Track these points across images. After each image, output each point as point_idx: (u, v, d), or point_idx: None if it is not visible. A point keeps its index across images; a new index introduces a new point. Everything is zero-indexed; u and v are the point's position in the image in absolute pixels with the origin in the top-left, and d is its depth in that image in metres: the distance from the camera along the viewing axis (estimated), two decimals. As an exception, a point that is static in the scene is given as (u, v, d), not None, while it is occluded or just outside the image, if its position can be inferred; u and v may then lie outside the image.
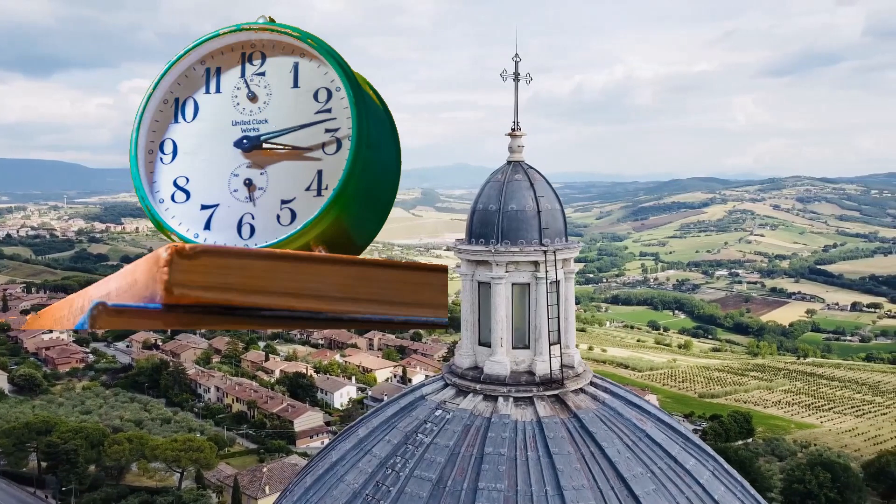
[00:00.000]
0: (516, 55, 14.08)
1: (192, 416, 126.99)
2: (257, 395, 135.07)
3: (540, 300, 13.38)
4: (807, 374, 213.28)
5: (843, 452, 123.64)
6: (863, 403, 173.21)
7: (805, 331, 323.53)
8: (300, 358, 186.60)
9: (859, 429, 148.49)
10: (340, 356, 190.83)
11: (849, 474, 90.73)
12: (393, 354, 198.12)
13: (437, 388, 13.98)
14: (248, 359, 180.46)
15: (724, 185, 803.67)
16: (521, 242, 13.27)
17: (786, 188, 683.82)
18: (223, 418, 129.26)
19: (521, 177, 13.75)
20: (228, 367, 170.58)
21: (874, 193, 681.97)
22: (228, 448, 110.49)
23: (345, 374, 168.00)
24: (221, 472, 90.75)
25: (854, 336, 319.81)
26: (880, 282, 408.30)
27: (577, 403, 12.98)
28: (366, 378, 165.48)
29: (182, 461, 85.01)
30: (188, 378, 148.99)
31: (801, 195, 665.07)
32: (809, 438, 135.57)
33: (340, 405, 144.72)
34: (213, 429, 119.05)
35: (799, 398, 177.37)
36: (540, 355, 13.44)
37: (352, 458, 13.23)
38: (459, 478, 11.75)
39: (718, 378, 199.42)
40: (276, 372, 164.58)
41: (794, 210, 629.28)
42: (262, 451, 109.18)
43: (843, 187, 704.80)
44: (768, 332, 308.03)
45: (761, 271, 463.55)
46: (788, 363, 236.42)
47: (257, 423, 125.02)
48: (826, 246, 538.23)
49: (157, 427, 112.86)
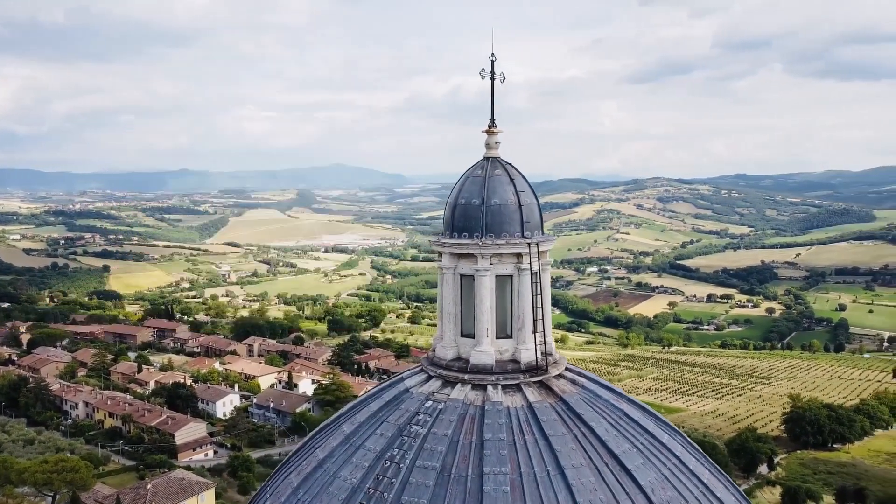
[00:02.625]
0: (492, 55, 14.48)
1: (58, 435, 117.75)
2: (132, 408, 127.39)
3: (523, 291, 13.88)
4: (672, 361, 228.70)
5: (707, 433, 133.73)
6: (721, 387, 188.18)
7: (668, 322, 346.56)
8: (177, 367, 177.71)
9: (720, 410, 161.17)
10: (220, 364, 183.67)
11: (717, 452, 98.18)
12: (276, 360, 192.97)
13: (421, 380, 14.14)
14: (119, 371, 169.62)
15: (592, 185, 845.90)
16: (505, 235, 13.71)
17: (647, 189, 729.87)
18: (95, 435, 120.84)
19: (500, 172, 14.18)
20: (97, 380, 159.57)
21: (724, 193, 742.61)
22: (103, 467, 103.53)
23: (226, 381, 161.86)
24: (99, 492, 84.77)
25: (710, 325, 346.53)
26: (731, 274, 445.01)
27: (561, 388, 13.63)
28: (249, 385, 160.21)
29: (55, 483, 78.72)
30: (52, 394, 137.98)
31: (661, 195, 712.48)
32: (678, 421, 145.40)
33: (224, 414, 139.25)
34: (85, 447, 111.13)
35: (666, 384, 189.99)
36: (523, 344, 13.95)
37: (342, 455, 13.13)
38: (463, 464, 12.03)
39: (594, 370, 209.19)
40: (150, 383, 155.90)
41: (656, 209, 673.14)
42: (141, 467, 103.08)
43: (698, 188, 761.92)
44: (636, 324, 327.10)
45: (627, 267, 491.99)
46: (655, 352, 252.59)
47: (134, 439, 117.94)
48: (684, 242, 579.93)
49: (20, 449, 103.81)
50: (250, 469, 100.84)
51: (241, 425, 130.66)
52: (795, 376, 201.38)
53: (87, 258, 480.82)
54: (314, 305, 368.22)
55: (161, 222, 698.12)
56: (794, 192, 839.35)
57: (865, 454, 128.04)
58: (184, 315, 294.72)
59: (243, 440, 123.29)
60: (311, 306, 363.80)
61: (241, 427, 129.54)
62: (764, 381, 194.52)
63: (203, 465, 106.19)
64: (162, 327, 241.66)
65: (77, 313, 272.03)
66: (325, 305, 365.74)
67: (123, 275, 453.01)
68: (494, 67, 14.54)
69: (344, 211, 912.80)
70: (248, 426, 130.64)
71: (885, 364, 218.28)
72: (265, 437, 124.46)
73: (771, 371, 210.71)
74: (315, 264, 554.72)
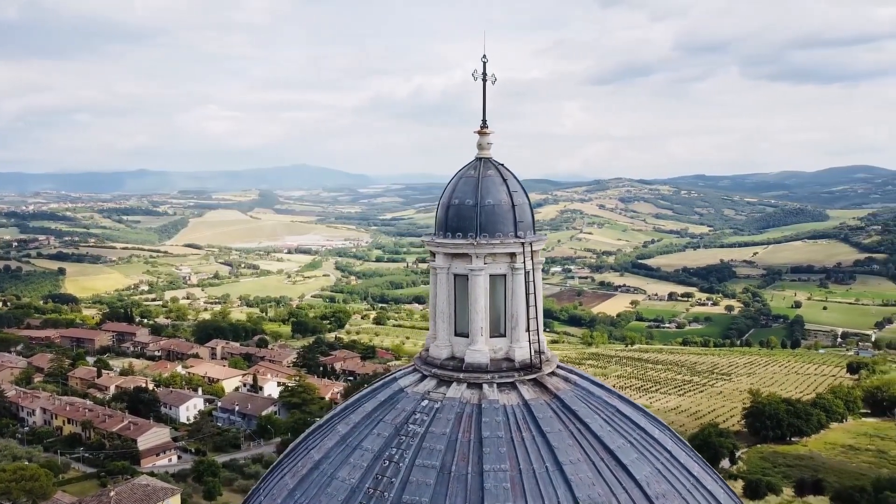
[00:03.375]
0: (484, 56, 14.58)
1: (15, 443, 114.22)
2: (93, 413, 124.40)
3: (517, 290, 14.03)
4: (635, 359, 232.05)
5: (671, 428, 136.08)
6: (683, 383, 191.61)
7: (630, 320, 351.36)
8: (138, 371, 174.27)
9: (682, 406, 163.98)
10: (182, 367, 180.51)
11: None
12: (240, 363, 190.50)
13: (415, 380, 14.18)
14: (77, 376, 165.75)
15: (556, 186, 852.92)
16: (499, 235, 13.84)
17: (609, 189, 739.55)
18: (54, 442, 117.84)
19: (493, 173, 14.30)
20: (54, 385, 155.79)
21: (684, 193, 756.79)
22: (63, 475, 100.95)
23: (189, 385, 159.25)
24: (59, 501, 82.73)
25: (672, 323, 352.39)
26: (691, 273, 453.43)
27: (555, 385, 13.82)
28: (213, 389, 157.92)
29: (13, 493, 76.53)
30: (7, 401, 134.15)
31: (623, 195, 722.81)
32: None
33: (187, 419, 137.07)
34: (44, 455, 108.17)
35: (630, 382, 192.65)
36: (517, 342, 14.11)
37: (338, 455, 13.11)
38: (463, 462, 12.11)
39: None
40: (111, 388, 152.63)
41: (618, 209, 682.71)
42: (103, 474, 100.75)
43: (658, 188, 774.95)
44: (599, 322, 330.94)
45: (591, 266, 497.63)
46: (619, 350, 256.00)
47: (95, 445, 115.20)
48: (645, 242, 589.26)
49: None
50: (216, 474, 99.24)
51: (206, 429, 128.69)
52: (754, 372, 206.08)
53: (42, 261, 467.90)
54: (277, 307, 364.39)
55: (119, 224, 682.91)
56: (750, 192, 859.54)
57: (822, 447, 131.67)
58: (143, 318, 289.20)
59: (208, 444, 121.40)
60: (275, 308, 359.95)
61: (206, 431, 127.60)
62: (724, 378, 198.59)
63: (167, 471, 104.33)
64: (121, 331, 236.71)
65: (32, 317, 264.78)
66: (289, 307, 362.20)
67: (80, 277, 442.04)
68: (486, 69, 14.63)
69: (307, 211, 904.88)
70: (212, 430, 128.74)
71: (839, 359, 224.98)
72: (230, 441, 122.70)
73: (731, 367, 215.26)
74: (278, 265, 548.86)
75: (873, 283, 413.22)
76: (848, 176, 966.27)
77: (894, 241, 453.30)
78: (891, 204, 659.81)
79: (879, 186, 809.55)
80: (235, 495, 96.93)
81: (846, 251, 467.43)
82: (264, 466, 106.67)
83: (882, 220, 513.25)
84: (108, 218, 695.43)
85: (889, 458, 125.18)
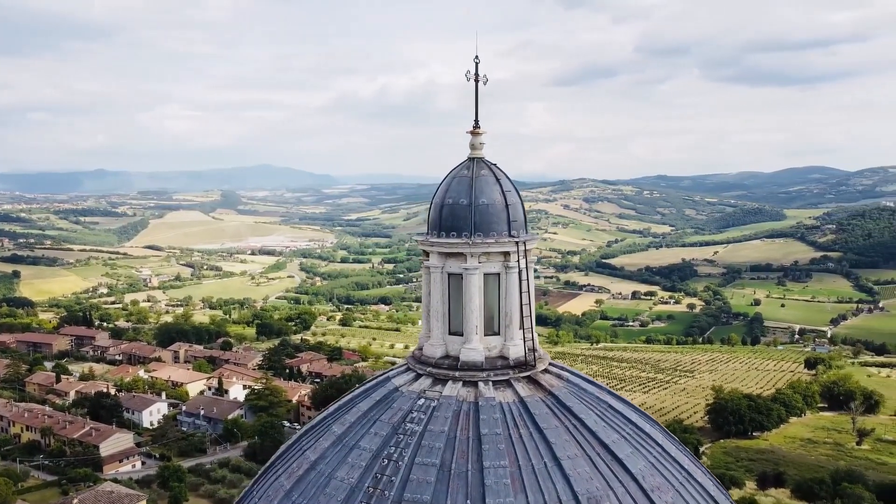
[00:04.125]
0: (476, 57, 14.68)
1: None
2: (52, 420, 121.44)
3: (511, 288, 14.18)
4: (600, 357, 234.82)
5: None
6: (647, 381, 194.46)
7: (595, 319, 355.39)
8: (98, 376, 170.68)
9: (647, 403, 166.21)
10: (145, 371, 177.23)
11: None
12: (204, 366, 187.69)
13: (409, 379, 14.22)
14: (35, 381, 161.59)
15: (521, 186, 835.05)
16: (494, 234, 13.96)
17: (574, 189, 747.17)
18: (11, 450, 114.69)
19: (486, 172, 14.42)
20: (11, 392, 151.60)
21: (646, 194, 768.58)
22: (22, 483, 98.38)
23: (153, 390, 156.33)
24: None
25: (635, 321, 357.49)
26: (654, 272, 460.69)
27: (549, 382, 14.00)
28: (177, 392, 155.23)
29: (-29, 502, 74.27)
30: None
31: (587, 196, 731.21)
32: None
33: (151, 424, 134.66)
34: (1, 463, 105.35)
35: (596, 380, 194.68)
36: (511, 340, 14.25)
37: (335, 455, 13.08)
38: (462, 460, 12.19)
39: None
40: (70, 393, 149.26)
41: (582, 209, 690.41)
42: (64, 481, 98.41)
43: (621, 188, 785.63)
44: (565, 321, 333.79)
45: (556, 266, 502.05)
46: (584, 349, 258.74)
47: (55, 452, 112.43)
48: (609, 242, 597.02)
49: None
50: (182, 479, 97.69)
51: (171, 434, 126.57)
52: (716, 369, 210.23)
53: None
54: (241, 309, 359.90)
55: (76, 225, 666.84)
56: (711, 192, 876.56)
57: (782, 441, 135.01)
58: (103, 322, 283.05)
59: (173, 449, 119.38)
60: (239, 310, 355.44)
61: (171, 436, 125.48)
62: (687, 375, 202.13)
63: (131, 477, 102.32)
64: (80, 335, 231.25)
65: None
66: (253, 309, 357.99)
67: (35, 280, 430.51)
68: (478, 69, 14.74)
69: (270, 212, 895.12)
70: (177, 435, 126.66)
71: (797, 355, 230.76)
72: (196, 445, 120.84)
73: (693, 364, 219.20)
74: (241, 267, 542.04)
75: (829, 280, 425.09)
76: (804, 176, 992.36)
77: (848, 239, 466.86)
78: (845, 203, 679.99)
79: (834, 186, 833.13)
80: (202, 500, 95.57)
81: (803, 250, 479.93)
82: (232, 471, 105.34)
83: (836, 219, 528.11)
84: (65, 219, 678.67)
85: (846, 450, 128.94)
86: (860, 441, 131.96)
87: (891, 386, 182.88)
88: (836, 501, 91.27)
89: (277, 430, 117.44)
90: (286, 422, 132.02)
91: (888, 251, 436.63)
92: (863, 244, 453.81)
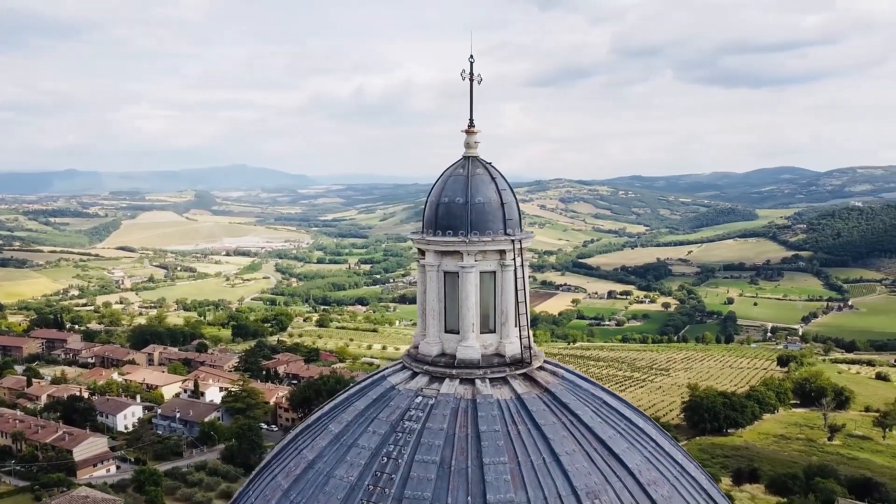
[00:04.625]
0: (471, 56, 14.72)
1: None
2: (24, 424, 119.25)
3: (507, 286, 14.26)
4: (577, 357, 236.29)
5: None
6: (624, 379, 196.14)
7: (572, 318, 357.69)
8: (71, 380, 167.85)
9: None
10: (119, 374, 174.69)
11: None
12: (179, 368, 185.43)
13: (405, 377, 14.24)
14: (5, 385, 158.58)
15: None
16: (490, 232, 14.02)
17: (550, 189, 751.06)
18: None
19: (482, 171, 14.48)
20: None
21: (621, 194, 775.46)
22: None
23: (127, 393, 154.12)
24: (-9, 516, 79.02)
25: (611, 321, 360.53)
26: (630, 272, 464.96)
27: (545, 379, 14.12)
28: (152, 395, 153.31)
29: (-60, 509, 72.62)
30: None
31: (563, 196, 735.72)
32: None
33: (126, 427, 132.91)
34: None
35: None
36: (507, 338, 14.34)
37: (333, 454, 13.05)
38: (462, 457, 12.25)
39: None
40: (42, 397, 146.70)
41: (558, 210, 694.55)
42: (36, 487, 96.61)
43: (597, 188, 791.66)
44: (542, 321, 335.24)
45: (533, 266, 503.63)
46: (561, 349, 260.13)
47: (27, 457, 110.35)
48: (585, 241, 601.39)
49: None
50: (158, 483, 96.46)
51: (146, 438, 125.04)
52: (691, 367, 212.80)
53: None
54: (216, 311, 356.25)
55: (46, 226, 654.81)
56: (684, 192, 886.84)
57: (756, 437, 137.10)
58: (75, 324, 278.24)
59: (148, 453, 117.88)
60: (214, 312, 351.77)
61: (146, 439, 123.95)
62: (663, 373, 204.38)
63: (106, 482, 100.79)
64: (51, 338, 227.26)
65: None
66: (228, 310, 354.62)
67: (4, 283, 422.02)
68: (473, 69, 14.80)
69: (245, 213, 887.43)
70: (152, 438, 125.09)
71: (770, 353, 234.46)
72: (172, 448, 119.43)
73: (669, 363, 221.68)
74: (216, 268, 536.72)
75: (800, 279, 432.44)
76: (775, 177, 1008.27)
77: (818, 239, 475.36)
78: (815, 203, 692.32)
79: (804, 187, 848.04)
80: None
81: (774, 249, 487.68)
82: (209, 474, 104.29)
83: (807, 218, 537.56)
84: (35, 220, 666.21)
85: (818, 446, 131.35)
86: (831, 437, 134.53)
87: (860, 382, 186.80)
88: (810, 496, 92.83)
89: (255, 432, 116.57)
90: (263, 424, 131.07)
91: (857, 250, 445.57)
92: (832, 243, 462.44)
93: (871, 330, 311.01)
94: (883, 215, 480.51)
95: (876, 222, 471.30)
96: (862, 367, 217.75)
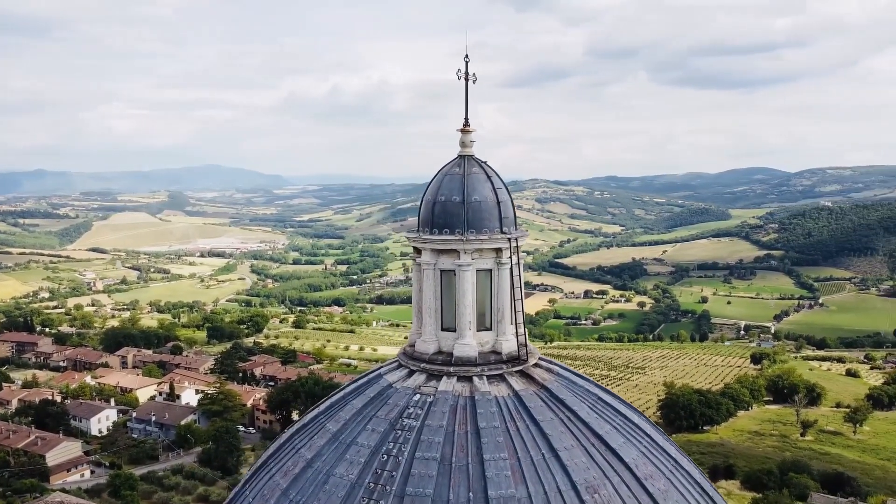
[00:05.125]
0: (466, 56, 14.82)
1: None
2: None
3: (503, 284, 14.38)
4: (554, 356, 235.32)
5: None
6: (601, 378, 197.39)
7: (549, 318, 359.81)
8: (42, 383, 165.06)
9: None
10: (92, 377, 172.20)
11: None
12: (154, 371, 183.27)
13: (402, 375, 14.28)
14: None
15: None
16: (486, 231, 14.12)
17: (526, 189, 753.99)
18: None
19: (477, 170, 14.57)
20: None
21: (597, 194, 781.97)
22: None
23: (101, 396, 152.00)
24: (-39, 523, 77.36)
25: (588, 320, 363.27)
26: (605, 271, 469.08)
27: (541, 376, 14.26)
28: (127, 398, 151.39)
29: None
30: None
31: (539, 196, 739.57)
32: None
33: (100, 431, 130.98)
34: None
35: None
36: (503, 335, 14.47)
37: (332, 453, 13.05)
38: (462, 453, 12.34)
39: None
40: (13, 402, 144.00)
41: (534, 210, 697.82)
42: (9, 493, 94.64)
43: (573, 189, 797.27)
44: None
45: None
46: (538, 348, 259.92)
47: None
48: (562, 241, 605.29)
49: None
50: (133, 487, 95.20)
51: (121, 441, 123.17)
52: (667, 365, 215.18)
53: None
54: (191, 312, 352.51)
55: (14, 227, 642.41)
56: (659, 192, 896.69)
57: (731, 434, 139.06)
58: (45, 327, 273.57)
59: (123, 457, 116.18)
60: (188, 313, 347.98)
61: (121, 443, 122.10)
62: (639, 371, 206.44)
63: (80, 487, 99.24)
64: (21, 341, 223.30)
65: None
66: (203, 312, 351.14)
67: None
68: (468, 68, 14.91)
69: (220, 213, 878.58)
70: (127, 442, 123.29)
71: (744, 350, 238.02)
72: (148, 452, 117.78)
73: (645, 361, 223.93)
74: (190, 269, 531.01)
75: (772, 278, 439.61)
76: (747, 177, 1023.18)
77: (790, 238, 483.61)
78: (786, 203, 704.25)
79: (776, 187, 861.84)
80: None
81: (747, 248, 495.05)
82: (185, 477, 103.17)
83: (778, 218, 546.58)
84: (3, 221, 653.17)
85: (791, 441, 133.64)
86: (804, 432, 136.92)
87: (831, 379, 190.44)
88: (784, 491, 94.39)
89: (232, 434, 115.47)
90: (241, 426, 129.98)
91: (827, 249, 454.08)
92: (803, 243, 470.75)
93: (840, 327, 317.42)
94: (852, 215, 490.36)
95: (845, 222, 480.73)
96: (832, 363, 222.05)
